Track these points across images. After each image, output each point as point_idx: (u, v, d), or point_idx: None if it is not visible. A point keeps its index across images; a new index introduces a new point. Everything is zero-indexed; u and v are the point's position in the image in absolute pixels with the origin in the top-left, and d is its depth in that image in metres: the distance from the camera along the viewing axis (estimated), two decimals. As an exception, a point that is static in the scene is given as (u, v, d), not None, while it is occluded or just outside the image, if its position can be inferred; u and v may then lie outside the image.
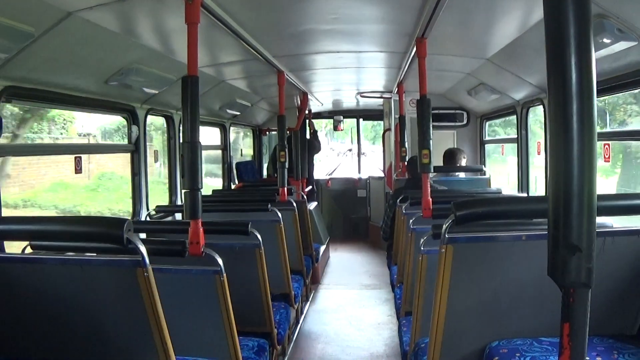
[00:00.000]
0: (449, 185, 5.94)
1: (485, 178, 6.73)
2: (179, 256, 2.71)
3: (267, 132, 10.09)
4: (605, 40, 2.95)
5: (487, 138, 7.94)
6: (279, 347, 3.78)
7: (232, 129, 8.13)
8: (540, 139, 5.60)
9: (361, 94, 8.40)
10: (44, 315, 2.28)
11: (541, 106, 5.29)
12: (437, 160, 6.43)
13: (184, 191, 2.90)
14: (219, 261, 2.78)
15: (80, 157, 4.17)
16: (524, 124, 5.80)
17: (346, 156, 12.18)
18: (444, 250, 2.35)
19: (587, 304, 1.24)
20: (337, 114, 10.70)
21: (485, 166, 7.60)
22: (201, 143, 2.85)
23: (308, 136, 9.55)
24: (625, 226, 2.68)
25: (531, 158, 5.85)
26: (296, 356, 5.03)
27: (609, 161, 3.99)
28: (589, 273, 1.22)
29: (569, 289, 1.24)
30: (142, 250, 2.03)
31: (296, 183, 7.06)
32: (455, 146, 7.76)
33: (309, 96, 7.90)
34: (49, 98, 3.60)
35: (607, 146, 3.97)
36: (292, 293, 4.51)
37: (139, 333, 2.20)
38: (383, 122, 9.43)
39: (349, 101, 9.69)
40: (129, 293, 2.12)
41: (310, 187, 9.40)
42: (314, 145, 9.58)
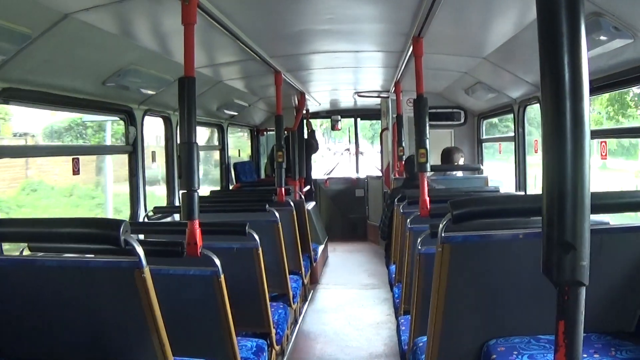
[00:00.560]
0: (447, 184, 5.94)
1: (483, 177, 6.74)
2: (176, 257, 2.71)
3: (265, 132, 10.08)
4: (601, 38, 2.96)
5: (485, 137, 7.94)
6: (277, 348, 3.78)
7: (229, 129, 8.12)
8: (539, 137, 5.59)
9: (358, 93, 8.39)
10: (41, 317, 2.28)
11: (538, 104, 5.29)
12: (435, 159, 6.43)
13: (181, 192, 2.90)
14: (217, 262, 2.78)
15: (78, 159, 4.16)
16: (521, 122, 5.80)
17: (342, 155, 12.18)
18: (441, 249, 2.35)
19: (582, 301, 1.25)
20: (334, 113, 10.69)
21: (483, 165, 7.60)
22: (198, 144, 2.85)
23: (306, 136, 9.56)
24: (622, 224, 2.69)
25: (530, 156, 5.85)
26: (295, 356, 5.03)
27: (605, 158, 3.99)
28: (584, 271, 1.22)
29: (563, 286, 1.25)
30: (140, 251, 2.03)
31: (294, 183, 7.07)
32: (453, 145, 7.77)
33: (307, 96, 7.90)
34: (46, 99, 3.60)
35: (603, 144, 3.97)
36: (291, 293, 4.51)
37: (136, 334, 2.20)
38: (381, 121, 9.43)
39: (347, 101, 9.68)
40: (127, 294, 2.12)
41: (308, 187, 9.41)
42: (311, 145, 9.58)
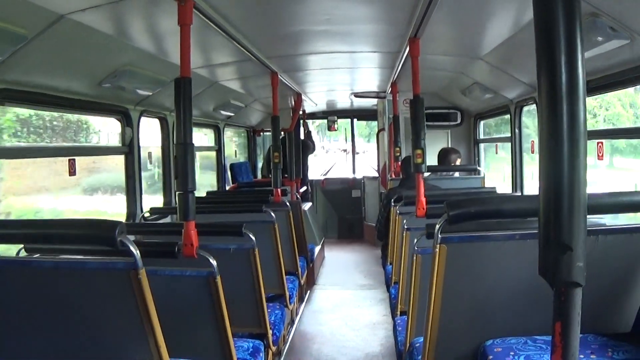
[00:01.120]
0: (443, 185, 5.95)
1: (479, 177, 6.75)
2: (172, 258, 2.71)
3: (262, 133, 10.08)
4: (598, 39, 2.96)
5: (481, 137, 7.94)
6: (274, 348, 3.77)
7: (225, 129, 8.11)
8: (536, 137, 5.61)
9: (355, 94, 8.39)
10: (37, 318, 2.27)
11: (535, 105, 5.30)
12: (432, 159, 6.44)
13: (177, 193, 2.89)
14: (213, 262, 2.77)
15: (74, 160, 4.15)
16: (517, 122, 5.81)
17: (334, 153, 12.18)
18: (438, 249, 2.35)
19: (579, 302, 1.24)
20: (331, 114, 10.70)
21: (480, 165, 7.61)
22: (194, 144, 2.85)
23: (302, 137, 9.56)
24: (619, 224, 2.69)
25: (529, 157, 5.85)
26: (292, 357, 5.02)
27: (602, 159, 4.00)
28: (580, 272, 1.22)
29: (560, 287, 1.24)
30: (135, 252, 2.02)
31: (290, 184, 7.06)
32: (450, 146, 7.78)
33: (303, 97, 7.90)
34: (42, 100, 3.59)
35: (600, 145, 3.98)
36: (287, 294, 4.50)
37: (132, 335, 2.19)
38: (377, 122, 9.44)
39: (343, 101, 9.69)
40: (123, 295, 2.11)
41: (305, 187, 9.40)
42: (308, 146, 9.58)
